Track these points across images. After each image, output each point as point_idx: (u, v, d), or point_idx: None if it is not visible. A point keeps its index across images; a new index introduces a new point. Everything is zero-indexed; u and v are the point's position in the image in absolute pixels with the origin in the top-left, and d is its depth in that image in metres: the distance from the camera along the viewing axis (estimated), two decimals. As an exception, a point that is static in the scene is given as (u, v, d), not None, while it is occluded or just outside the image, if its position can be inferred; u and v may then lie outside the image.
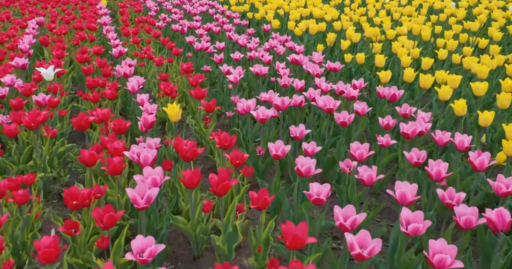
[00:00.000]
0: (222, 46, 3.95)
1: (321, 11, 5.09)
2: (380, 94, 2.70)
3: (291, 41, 3.96)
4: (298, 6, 5.97)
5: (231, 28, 4.61)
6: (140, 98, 2.67)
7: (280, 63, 3.64)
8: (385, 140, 2.16)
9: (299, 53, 3.78)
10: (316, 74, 3.14)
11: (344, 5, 6.28)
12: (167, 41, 4.24)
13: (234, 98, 2.99)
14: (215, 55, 3.49)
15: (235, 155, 1.96)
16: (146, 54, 3.91)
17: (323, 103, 2.34)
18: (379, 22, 4.65)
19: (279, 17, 5.68)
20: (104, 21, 4.95)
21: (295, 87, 2.92)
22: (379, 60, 3.06)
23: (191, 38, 4.19)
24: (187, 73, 3.44)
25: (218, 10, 6.01)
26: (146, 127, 2.32)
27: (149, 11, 6.06)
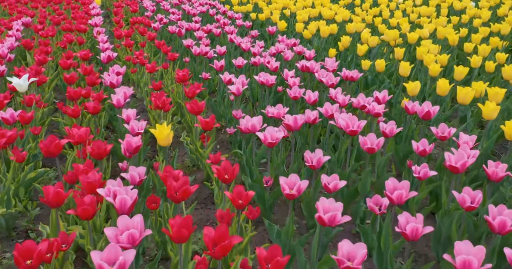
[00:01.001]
0: (223, 50, 3.55)
1: (330, 12, 4.68)
2: (409, 110, 2.29)
3: (300, 45, 3.55)
4: (305, 6, 5.55)
5: (233, 30, 4.20)
6: (126, 114, 2.27)
7: (288, 70, 3.23)
8: (423, 172, 1.75)
9: (309, 59, 3.37)
10: (331, 84, 2.73)
11: (355, 5, 5.87)
12: (162, 45, 3.83)
13: (237, 112, 2.58)
14: (215, 61, 3.08)
15: (238, 194, 1.55)
16: (138, 59, 3.51)
17: (345, 124, 1.93)
18: (395, 24, 4.24)
19: (285, 18, 5.27)
20: (95, 22, 4.55)
21: (307, 100, 2.51)
22: (404, 68, 2.64)
23: (189, 41, 3.79)
24: (183, 82, 3.03)
25: (219, 10, 5.60)
26: (130, 152, 1.91)
27: (145, 11, 5.66)
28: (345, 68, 2.93)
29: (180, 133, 3.08)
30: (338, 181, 1.63)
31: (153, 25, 4.61)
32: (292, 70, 2.94)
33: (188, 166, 2.64)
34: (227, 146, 2.91)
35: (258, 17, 5.13)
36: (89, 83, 2.97)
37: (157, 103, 2.52)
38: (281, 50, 3.54)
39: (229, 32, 4.18)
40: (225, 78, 2.84)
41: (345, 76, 2.87)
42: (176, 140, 2.99)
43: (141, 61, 3.46)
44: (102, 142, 1.98)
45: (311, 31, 3.83)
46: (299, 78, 2.80)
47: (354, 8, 5.24)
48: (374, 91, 2.47)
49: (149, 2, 6.01)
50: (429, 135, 2.37)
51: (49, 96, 3.23)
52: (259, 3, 5.69)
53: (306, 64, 3.02)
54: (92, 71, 3.16)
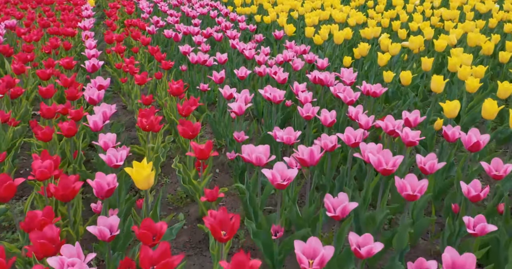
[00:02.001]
0: (224, 58, 3.14)
1: (342, 14, 4.27)
2: (449, 137, 1.87)
3: (310, 53, 3.13)
4: (314, 8, 5.14)
5: (235, 34, 3.79)
6: (104, 141, 1.86)
7: (298, 82, 2.83)
8: (480, 227, 1.34)
9: (322, 68, 2.96)
10: (350, 101, 2.31)
11: (367, 6, 5.44)
12: (156, 51, 3.43)
13: (238, 134, 2.18)
14: (214, 73, 2.68)
15: (240, 264, 1.14)
16: (128, 67, 3.11)
17: (376, 161, 1.51)
18: (415, 28, 3.82)
19: (292, 21, 4.86)
20: (84, 25, 4.15)
21: (323, 122, 2.10)
22: (437, 83, 2.22)
23: (186, 47, 3.38)
24: (178, 95, 2.63)
25: (221, 12, 5.20)
26: (102, 196, 1.51)
27: (141, 13, 5.27)
28: (365, 81, 2.51)
29: (174, 153, 2.68)
30: (372, 243, 1.22)
31: (148, 29, 4.21)
32: (303, 84, 2.53)
33: (181, 198, 2.23)
34: (227, 170, 2.50)
35: (263, 20, 4.73)
36: (69, 97, 2.57)
37: (144, 124, 2.11)
38: (290, 59, 3.13)
39: (231, 37, 3.78)
40: (225, 92, 2.43)
41: (365, 91, 2.46)
42: (168, 163, 2.59)
43: (131, 70, 3.05)
44: (70, 180, 1.58)
45: (323, 36, 3.42)
46: (311, 93, 2.39)
47: (368, 10, 4.82)
48: (403, 112, 2.05)
49: (146, 2, 5.61)
50: (470, 166, 1.96)
51: (25, 111, 2.83)
52: (264, 4, 5.28)
53: (319, 75, 2.61)
54: (74, 82, 2.76)
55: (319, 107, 2.23)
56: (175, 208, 2.16)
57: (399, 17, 4.43)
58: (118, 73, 3.64)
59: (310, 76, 2.70)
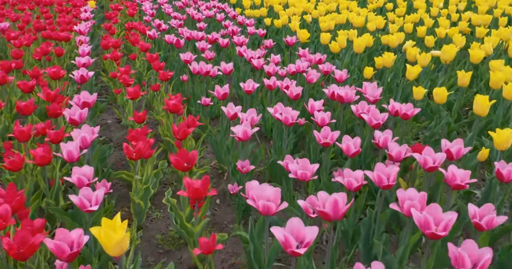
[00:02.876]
0: (230, 69, 2.79)
1: (360, 18, 3.89)
2: (504, 177, 1.50)
3: (327, 63, 2.77)
4: (328, 10, 4.77)
5: (243, 41, 3.44)
6: (77, 177, 1.52)
7: (314, 98, 2.47)
8: None
9: (340, 81, 2.60)
10: (376, 125, 1.95)
11: (386, 9, 5.06)
12: (154, 59, 3.09)
13: (243, 163, 1.83)
14: (217, 89, 2.33)
15: None
16: (122, 78, 2.77)
17: (423, 220, 1.15)
18: (443, 34, 3.44)
19: (306, 26, 4.50)
20: (79, 29, 3.83)
21: (345, 151, 1.75)
22: (482, 106, 1.84)
23: (188, 55, 3.04)
24: (175, 112, 2.28)
25: (228, 15, 4.85)
26: (65, 260, 1.16)
27: (144, 15, 4.94)
28: (392, 99, 2.14)
29: (169, 178, 2.34)
30: None
31: (149, 33, 3.88)
32: (320, 101, 2.17)
33: (173, 238, 1.88)
34: (229, 202, 2.15)
35: (273, 24, 4.37)
36: (50, 114, 2.24)
37: (130, 153, 1.77)
38: (303, 70, 2.77)
39: (238, 43, 3.42)
40: (229, 112, 2.08)
41: (393, 111, 2.09)
42: (163, 189, 2.24)
43: (125, 81, 2.71)
44: (28, 233, 1.25)
45: (341, 44, 3.05)
46: (329, 113, 2.03)
47: (387, 14, 4.44)
48: (443, 141, 1.69)
49: (150, 4, 5.28)
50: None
51: (3, 128, 2.50)
52: (274, 6, 4.92)
53: (338, 91, 2.25)
54: (58, 96, 2.43)
55: (339, 132, 1.87)
56: (166, 252, 1.82)
57: (422, 22, 4.04)
58: (114, 82, 3.31)
59: (328, 91, 2.34)
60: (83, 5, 5.38)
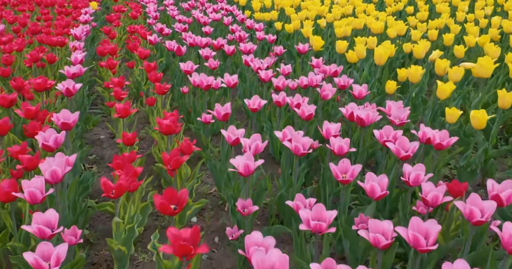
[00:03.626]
0: (234, 82, 2.48)
1: (379, 24, 3.56)
2: None
3: (343, 76, 2.45)
4: (344, 14, 4.44)
5: (250, 48, 3.14)
6: (38, 227, 1.23)
7: (328, 119, 2.16)
8: None
9: (359, 97, 2.28)
10: (405, 157, 1.63)
11: (406, 13, 4.71)
12: (151, 69, 2.80)
13: (244, 203, 1.53)
14: (217, 108, 2.01)
15: None
16: (114, 91, 2.47)
17: None
18: (472, 43, 3.09)
19: (319, 30, 4.18)
20: (75, 33, 3.55)
21: (369, 193, 1.43)
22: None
23: (189, 65, 2.74)
24: (169, 134, 1.98)
25: (236, 18, 4.55)
26: None
27: (148, 18, 4.66)
28: (422, 124, 1.82)
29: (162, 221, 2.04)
30: None
31: (149, 38, 3.59)
32: (336, 125, 1.85)
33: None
34: (229, 241, 1.84)
35: (284, 28, 4.06)
36: (28, 134, 1.96)
37: (108, 190, 1.47)
38: (317, 84, 2.45)
39: (245, 51, 3.12)
40: (230, 137, 1.78)
41: (424, 139, 1.76)
42: (153, 223, 1.95)
43: (116, 94, 2.42)
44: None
45: (359, 54, 2.72)
46: (347, 140, 1.72)
47: (408, 18, 4.10)
48: (489, 182, 1.37)
49: (154, 6, 5.00)
50: None
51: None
52: (286, 9, 4.60)
53: (359, 114, 1.93)
54: (40, 113, 2.15)
55: (361, 166, 1.55)
56: (151, 309, 1.52)
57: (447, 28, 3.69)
58: (109, 92, 3.03)
59: (345, 111, 2.02)
60: (85, 6, 5.11)
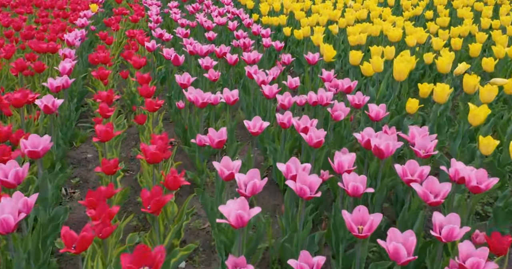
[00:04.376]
0: (234, 98, 2.20)
1: (397, 31, 3.25)
2: None
3: (358, 93, 2.16)
4: (358, 19, 4.14)
5: (255, 57, 2.86)
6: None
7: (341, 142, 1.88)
8: None
9: (376, 119, 1.98)
10: (435, 203, 1.34)
11: (425, 18, 4.39)
12: (145, 81, 2.53)
13: (236, 261, 1.24)
14: (210, 134, 1.73)
15: None
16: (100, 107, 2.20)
17: None
18: (501, 55, 2.77)
19: (331, 37, 3.88)
20: (67, 39, 3.30)
21: (391, 254, 1.14)
22: None
23: (185, 77, 2.46)
24: (155, 163, 1.70)
25: (243, 22, 4.27)
26: None
27: (150, 22, 4.39)
28: (454, 159, 1.52)
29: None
30: None
31: (147, 45, 3.32)
32: (350, 156, 1.56)
33: None
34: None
35: (293, 34, 3.76)
36: None
37: (70, 244, 1.20)
38: (327, 102, 2.16)
39: (248, 61, 2.84)
40: (223, 171, 1.49)
41: (456, 177, 1.46)
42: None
43: (102, 111, 2.15)
44: None
45: (377, 67, 2.42)
46: (364, 178, 1.43)
47: (427, 24, 3.79)
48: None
49: (156, 9, 4.74)
50: None
51: None
52: (295, 13, 4.31)
53: (377, 143, 1.63)
54: (10, 135, 1.90)
55: (381, 216, 1.26)
56: None
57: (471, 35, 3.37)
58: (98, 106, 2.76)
59: (361, 138, 1.73)
60: (85, 8, 4.87)
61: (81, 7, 4.97)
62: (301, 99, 2.31)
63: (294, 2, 5.15)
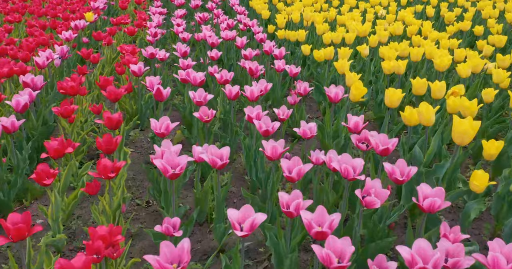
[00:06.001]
0: (224, 161, 1.56)
1: (445, 58, 2.55)
2: None
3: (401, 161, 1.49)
4: (393, 34, 3.44)
5: (258, 94, 2.21)
6: None
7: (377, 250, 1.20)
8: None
9: (431, 211, 1.31)
10: None
11: (475, 34, 3.66)
12: (114, 124, 1.92)
13: None
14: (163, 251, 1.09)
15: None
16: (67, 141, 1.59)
17: None
18: None
19: (359, 60, 3.20)
20: (36, 61, 2.72)
21: None
22: None
23: (163, 123, 1.84)
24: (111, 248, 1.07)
25: (255, 37, 3.62)
26: None
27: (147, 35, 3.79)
28: None
29: None
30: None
31: (133, 68, 2.72)
32: None
33: None
34: None
35: (312, 54, 3.10)
36: None
37: None
38: (354, 177, 1.49)
39: (251, 98, 2.19)
40: None
41: None
42: None
43: (39, 177, 1.54)
44: None
45: (426, 120, 1.70)
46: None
47: (477, 43, 3.06)
48: None
49: (159, 18, 4.14)
50: None
51: None
52: (317, 27, 3.64)
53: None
54: None
55: None
56: None
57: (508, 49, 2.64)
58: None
59: (409, 258, 1.06)
60: (77, 18, 4.30)
61: (76, 15, 4.41)
62: (316, 157, 1.67)
63: (316, 12, 4.49)
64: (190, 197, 2.09)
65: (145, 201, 2.08)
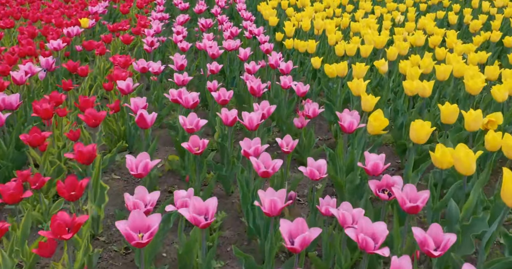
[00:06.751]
0: (210, 213, 1.24)
1: (478, 81, 2.19)
2: None
3: (435, 225, 1.15)
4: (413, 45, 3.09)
5: (258, 122, 1.89)
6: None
7: None
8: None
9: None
10: None
11: (504, 45, 3.29)
12: (85, 158, 1.61)
13: None
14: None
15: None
16: None
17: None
18: None
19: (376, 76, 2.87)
20: (13, 76, 2.43)
21: None
22: None
23: (141, 161, 1.52)
24: None
25: (260, 46, 3.29)
26: None
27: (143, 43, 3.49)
28: None
29: None
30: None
31: (120, 85, 2.41)
32: None
33: None
34: None
35: (323, 68, 2.76)
36: None
37: None
38: (373, 251, 1.16)
39: (250, 127, 1.87)
40: None
41: None
42: None
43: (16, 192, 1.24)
44: None
45: (464, 166, 1.35)
46: None
47: (508, 56, 2.70)
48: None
49: (158, 25, 3.84)
50: None
51: None
52: (329, 37, 3.31)
53: None
54: None
55: None
56: None
57: None
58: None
59: None
60: (71, 24, 4.01)
61: (71, 21, 4.13)
62: (326, 208, 1.35)
63: (329, 18, 4.15)
64: (177, 243, 1.78)
65: (123, 247, 1.77)
